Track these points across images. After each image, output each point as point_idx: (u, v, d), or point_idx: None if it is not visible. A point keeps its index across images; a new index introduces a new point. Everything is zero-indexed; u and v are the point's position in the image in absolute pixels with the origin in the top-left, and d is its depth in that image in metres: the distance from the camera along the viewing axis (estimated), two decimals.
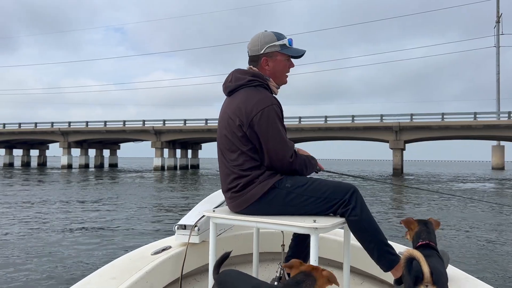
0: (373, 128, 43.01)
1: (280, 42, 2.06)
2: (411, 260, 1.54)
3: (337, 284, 1.33)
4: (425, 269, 1.49)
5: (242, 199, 1.94)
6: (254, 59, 2.08)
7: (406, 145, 44.12)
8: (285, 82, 2.14)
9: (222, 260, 1.70)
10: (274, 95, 2.07)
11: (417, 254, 1.52)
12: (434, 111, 43.02)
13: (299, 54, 2.10)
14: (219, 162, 2.06)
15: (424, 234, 1.87)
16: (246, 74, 2.04)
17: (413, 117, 42.17)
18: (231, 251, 1.80)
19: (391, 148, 42.85)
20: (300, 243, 2.19)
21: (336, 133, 45.38)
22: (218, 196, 2.57)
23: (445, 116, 41.11)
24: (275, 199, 1.92)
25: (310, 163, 2.06)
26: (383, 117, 42.95)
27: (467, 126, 40.14)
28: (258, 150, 1.96)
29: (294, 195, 1.91)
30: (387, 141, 43.45)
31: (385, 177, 34.94)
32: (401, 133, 42.20)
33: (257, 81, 2.01)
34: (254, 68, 2.07)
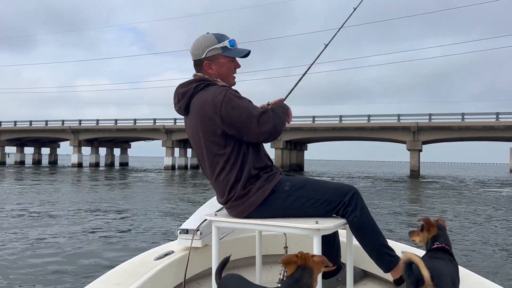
0: (390, 128, 41.75)
1: (221, 45, 2.01)
2: (410, 264, 1.54)
3: (330, 265, 1.43)
4: (425, 273, 1.49)
5: (242, 208, 1.90)
6: (197, 64, 2.05)
7: (422, 146, 42.69)
8: (233, 84, 2.09)
9: (223, 266, 1.70)
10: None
11: (416, 258, 1.53)
12: (453, 112, 41.37)
13: (242, 55, 2.05)
14: (210, 178, 2.00)
15: (441, 238, 1.81)
16: (189, 84, 1.99)
17: (432, 117, 40.89)
18: (230, 256, 1.80)
19: (408, 149, 41.54)
20: (326, 242, 2.10)
21: (351, 133, 44.30)
22: None
23: (465, 116, 39.71)
24: (275, 203, 1.89)
25: (281, 112, 1.98)
26: (400, 117, 41.79)
27: (489, 127, 38.66)
28: (241, 149, 1.91)
29: (294, 197, 1.89)
30: (404, 142, 42.14)
31: (403, 179, 33.84)
32: (419, 134, 40.85)
33: (203, 83, 1.97)
34: (199, 74, 2.04)
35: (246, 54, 2.07)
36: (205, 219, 2.23)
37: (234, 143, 1.91)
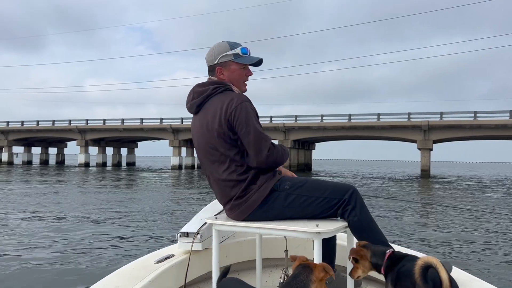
0: (400, 127, 41.00)
1: (233, 52, 2.07)
2: (427, 268, 1.46)
3: (331, 274, 1.41)
4: (444, 275, 1.44)
5: (243, 208, 1.93)
6: (210, 69, 2.11)
7: (433, 145, 41.85)
8: (244, 91, 2.13)
9: (223, 275, 1.70)
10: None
11: (434, 261, 1.47)
12: (463, 110, 40.56)
13: (252, 62, 2.10)
14: (210, 178, 2.05)
15: (380, 250, 1.77)
16: (208, 85, 2.05)
17: (443, 115, 40.04)
18: (230, 265, 1.86)
19: (419, 149, 40.75)
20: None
21: (360, 132, 43.61)
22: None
23: (477, 115, 38.81)
24: (276, 202, 1.92)
25: (284, 152, 2.03)
26: (411, 116, 40.98)
27: (502, 126, 37.74)
28: (244, 152, 1.96)
29: (294, 196, 1.92)
30: (415, 141, 41.36)
31: (414, 179, 33.16)
32: (430, 133, 40.06)
33: (222, 87, 2.03)
34: (213, 78, 2.09)
35: (258, 62, 2.11)
36: (206, 222, 2.23)
37: (240, 145, 1.95)
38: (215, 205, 2.50)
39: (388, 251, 1.75)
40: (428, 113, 40.69)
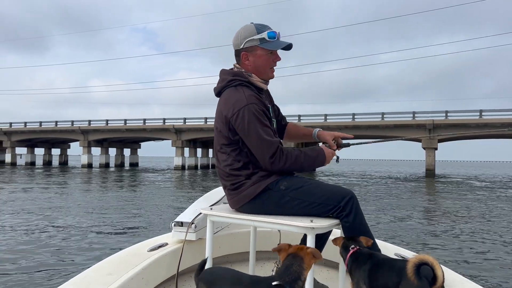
0: (405, 126, 40.58)
1: (259, 36, 1.98)
2: (421, 265, 1.47)
3: (321, 259, 1.45)
4: (439, 273, 1.43)
5: (237, 198, 1.97)
6: (236, 54, 2.06)
7: (438, 144, 41.36)
8: (271, 77, 2.09)
9: (201, 267, 1.72)
10: (254, 93, 1.98)
11: (430, 259, 1.46)
12: (468, 109, 40.02)
13: (280, 48, 2.01)
14: (215, 161, 2.09)
15: (350, 243, 1.83)
16: (228, 74, 2.04)
17: (448, 114, 39.60)
18: (206, 258, 1.82)
19: (424, 148, 40.34)
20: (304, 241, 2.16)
21: (364, 132, 43.22)
22: (215, 193, 2.53)
23: (483, 113, 38.36)
24: (269, 201, 1.92)
25: (308, 160, 1.96)
26: (416, 115, 40.57)
27: (508, 124, 37.24)
28: (243, 150, 1.96)
29: (288, 198, 1.90)
30: (419, 140, 40.91)
31: (418, 179, 32.82)
32: (435, 132, 39.59)
33: (238, 80, 2.00)
34: (237, 65, 2.07)
35: (286, 47, 2.01)
36: (200, 213, 2.23)
37: (240, 142, 1.96)
38: (211, 196, 2.52)
39: (351, 247, 1.79)
40: (433, 112, 40.34)
